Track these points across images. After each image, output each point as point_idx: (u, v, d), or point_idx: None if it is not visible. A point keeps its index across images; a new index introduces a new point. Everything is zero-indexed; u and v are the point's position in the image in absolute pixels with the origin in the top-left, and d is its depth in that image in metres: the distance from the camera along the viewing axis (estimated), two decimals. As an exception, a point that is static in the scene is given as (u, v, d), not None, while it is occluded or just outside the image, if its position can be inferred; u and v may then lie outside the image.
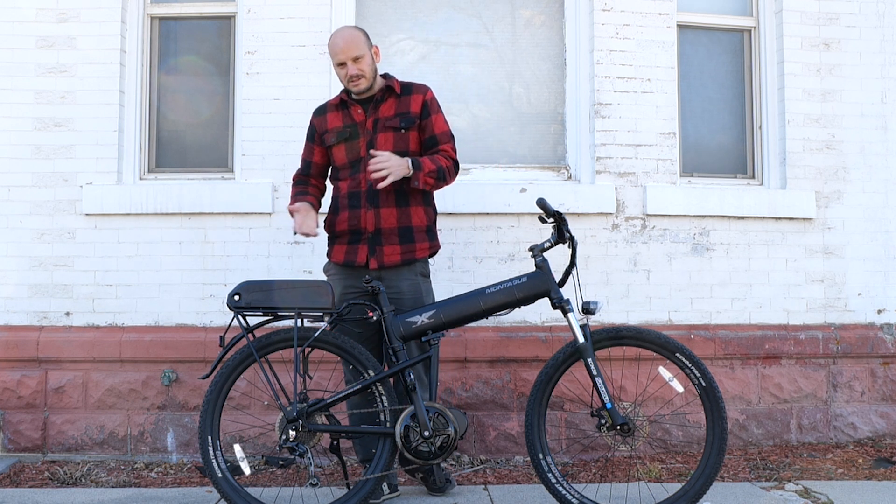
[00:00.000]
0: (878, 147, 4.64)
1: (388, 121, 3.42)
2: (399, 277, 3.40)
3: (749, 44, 4.75)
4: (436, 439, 3.07)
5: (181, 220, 4.33)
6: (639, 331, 3.19)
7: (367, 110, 3.45)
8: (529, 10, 4.66)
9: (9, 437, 4.20)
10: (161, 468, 4.08)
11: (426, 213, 3.48)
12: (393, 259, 3.39)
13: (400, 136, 3.41)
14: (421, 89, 3.48)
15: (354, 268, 3.42)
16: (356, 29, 3.47)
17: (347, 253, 3.43)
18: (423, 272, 3.50)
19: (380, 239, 3.38)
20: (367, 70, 3.39)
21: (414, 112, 3.43)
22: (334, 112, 3.52)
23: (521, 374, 4.27)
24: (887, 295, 4.61)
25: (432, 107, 3.47)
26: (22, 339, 4.22)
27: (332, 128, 3.49)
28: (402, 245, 3.39)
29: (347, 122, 3.47)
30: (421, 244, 3.43)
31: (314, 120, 3.58)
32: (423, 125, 3.44)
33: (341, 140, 3.46)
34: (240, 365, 3.22)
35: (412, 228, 3.41)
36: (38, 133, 4.33)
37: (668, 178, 4.48)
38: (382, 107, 3.45)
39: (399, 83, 3.49)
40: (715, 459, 3.08)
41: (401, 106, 3.44)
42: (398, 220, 3.39)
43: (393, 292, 3.39)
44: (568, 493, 3.08)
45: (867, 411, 4.48)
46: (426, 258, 3.49)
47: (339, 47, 3.37)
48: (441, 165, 3.37)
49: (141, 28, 4.49)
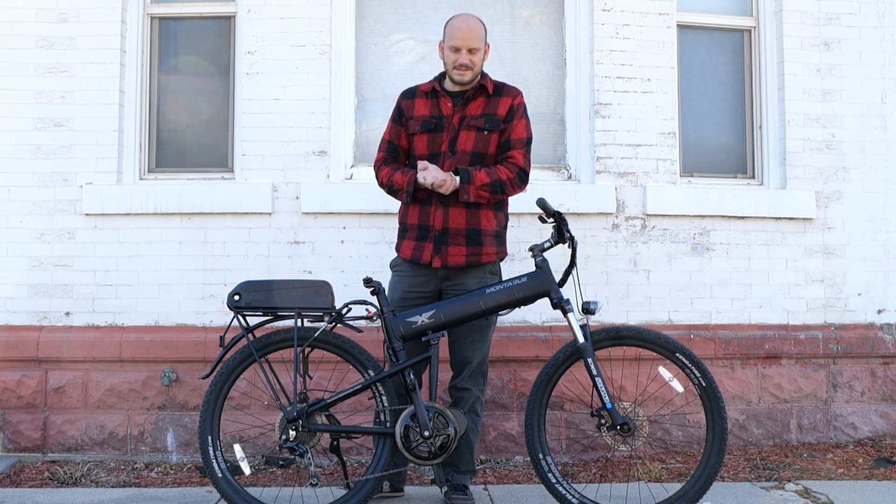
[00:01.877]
0: (878, 147, 4.63)
1: (474, 119, 3.36)
2: (466, 276, 3.36)
3: (749, 44, 4.75)
4: (436, 439, 3.07)
5: (181, 220, 4.33)
6: (639, 331, 3.19)
7: (456, 105, 3.38)
8: (529, 10, 4.66)
9: (9, 437, 4.20)
10: (161, 468, 4.08)
11: (496, 217, 3.41)
12: (457, 260, 3.32)
13: (482, 136, 3.36)
14: (512, 92, 3.43)
15: (420, 266, 3.36)
16: (481, 22, 3.40)
17: (415, 249, 3.36)
18: (493, 271, 3.44)
19: (446, 238, 3.31)
20: (477, 65, 3.34)
21: (500, 115, 3.37)
22: (423, 99, 3.43)
23: (521, 374, 4.27)
24: (887, 295, 4.61)
25: (518, 111, 3.40)
26: (22, 339, 4.22)
27: (419, 115, 3.41)
28: (468, 247, 3.32)
29: (434, 113, 3.39)
30: (488, 248, 3.36)
31: (402, 102, 3.47)
32: (504, 128, 3.38)
33: (426, 130, 3.38)
34: (240, 365, 3.23)
35: (480, 231, 3.34)
36: (38, 133, 4.33)
37: (668, 178, 4.48)
38: (472, 104, 3.38)
39: (493, 83, 3.43)
40: (715, 459, 3.08)
41: (489, 106, 3.38)
42: (467, 221, 3.32)
43: (459, 289, 3.34)
44: (568, 493, 3.08)
45: (867, 411, 4.48)
46: (493, 262, 3.42)
47: (461, 32, 3.31)
48: (498, 178, 3.29)
49: (141, 28, 4.49)
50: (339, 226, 4.32)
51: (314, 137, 4.35)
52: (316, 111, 4.36)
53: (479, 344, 3.38)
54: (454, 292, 3.34)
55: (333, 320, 3.18)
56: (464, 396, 3.39)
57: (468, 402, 3.38)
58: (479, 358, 3.38)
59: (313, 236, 4.33)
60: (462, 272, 3.35)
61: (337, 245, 4.32)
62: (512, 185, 3.34)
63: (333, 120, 4.39)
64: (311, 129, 4.36)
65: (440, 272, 3.35)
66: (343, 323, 3.21)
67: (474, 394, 3.40)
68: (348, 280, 4.26)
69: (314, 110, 4.36)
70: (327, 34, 4.39)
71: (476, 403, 3.41)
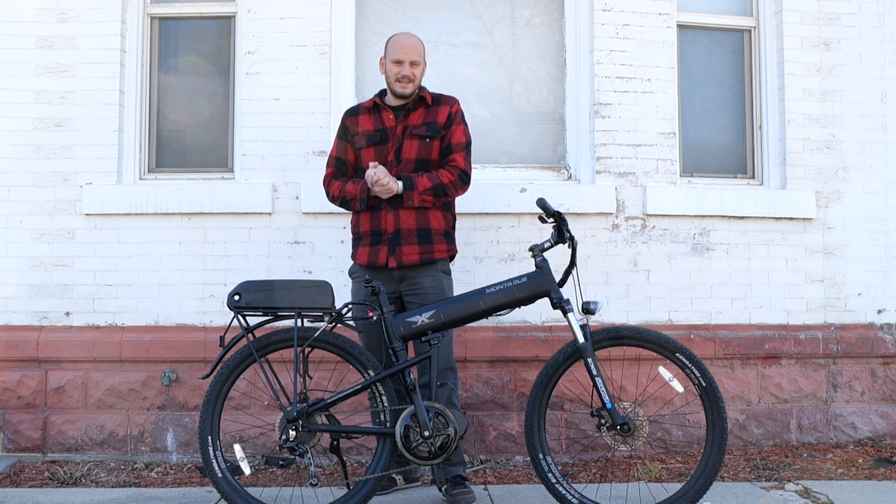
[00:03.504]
0: (878, 147, 4.63)
1: (415, 129, 3.55)
2: (421, 274, 3.50)
3: (749, 44, 4.75)
4: (436, 439, 3.07)
5: (181, 220, 4.33)
6: (639, 331, 3.19)
7: (398, 117, 3.59)
8: (529, 10, 4.65)
9: (9, 437, 4.20)
10: (161, 468, 4.08)
11: (444, 217, 3.59)
12: (411, 258, 3.48)
13: (425, 144, 3.54)
14: (449, 101, 3.64)
15: (377, 268, 3.51)
16: (420, 41, 3.63)
17: (370, 254, 3.53)
18: (445, 270, 3.60)
19: (399, 239, 3.48)
20: (418, 77, 3.56)
21: (440, 122, 3.57)
22: (366, 115, 3.64)
23: (521, 374, 4.27)
24: (887, 295, 4.61)
25: (456, 118, 3.60)
26: (22, 339, 4.22)
27: (363, 130, 3.60)
28: (420, 245, 3.49)
29: (378, 126, 3.59)
30: (439, 246, 3.54)
31: (346, 120, 3.68)
32: (444, 134, 3.57)
33: (371, 143, 3.58)
34: (240, 365, 3.23)
35: (430, 231, 3.52)
36: (38, 133, 4.33)
37: (668, 178, 4.48)
38: (413, 115, 3.58)
39: (430, 94, 3.64)
40: (715, 459, 3.08)
41: (429, 116, 3.58)
42: (417, 221, 3.49)
43: (416, 288, 3.49)
44: (568, 493, 3.08)
45: (867, 411, 4.48)
46: (445, 259, 3.59)
47: (404, 47, 3.54)
48: (440, 182, 3.48)
49: (141, 28, 4.49)
50: (339, 226, 4.32)
51: (314, 137, 4.36)
52: (316, 111, 4.37)
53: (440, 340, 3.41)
54: (412, 292, 3.50)
55: (333, 320, 3.18)
56: (439, 392, 3.45)
57: (444, 397, 3.46)
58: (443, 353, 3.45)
59: (313, 236, 4.33)
60: (417, 270, 3.50)
61: (337, 245, 4.32)
62: (454, 187, 3.53)
63: (333, 120, 4.38)
64: (311, 129, 4.36)
65: (396, 273, 3.51)
66: (343, 323, 3.21)
67: (448, 387, 3.51)
68: (348, 280, 4.25)
69: (314, 110, 4.37)
70: (327, 34, 4.39)
71: (452, 396, 3.51)
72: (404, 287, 3.52)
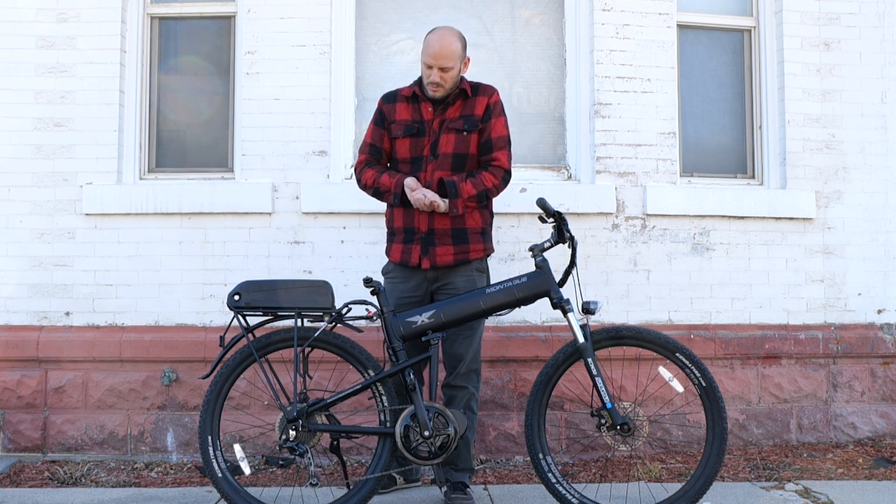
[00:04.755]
0: (878, 147, 4.63)
1: (452, 122, 3.40)
2: (455, 274, 3.40)
3: (749, 44, 4.75)
4: (436, 439, 3.07)
5: (181, 220, 4.33)
6: (639, 331, 3.19)
7: (436, 109, 3.42)
8: (529, 10, 4.65)
9: (9, 437, 4.20)
10: (161, 468, 4.08)
11: (482, 215, 3.46)
12: (445, 259, 3.37)
13: (462, 138, 3.39)
14: (488, 91, 3.46)
15: (409, 268, 3.42)
16: (458, 39, 3.38)
17: (402, 252, 3.43)
18: (480, 268, 3.48)
19: (433, 239, 3.37)
20: (448, 82, 3.36)
21: (477, 115, 3.40)
22: (404, 103, 3.47)
23: (521, 374, 4.27)
24: (887, 295, 4.61)
25: (495, 110, 3.43)
26: (22, 339, 4.22)
27: (401, 119, 3.45)
28: (455, 246, 3.38)
29: (416, 118, 3.44)
30: (475, 245, 3.42)
31: (384, 106, 3.51)
32: (483, 128, 3.41)
33: (408, 134, 3.42)
34: (240, 365, 3.23)
35: (466, 230, 3.40)
36: (38, 133, 4.33)
37: (668, 178, 4.48)
38: (451, 108, 3.42)
39: (469, 84, 3.45)
40: (715, 459, 3.08)
41: (466, 108, 3.42)
42: (452, 221, 3.36)
43: (449, 289, 3.39)
44: (568, 492, 3.08)
45: (867, 411, 4.48)
46: (480, 259, 3.47)
47: (433, 50, 3.32)
48: (484, 188, 3.35)
49: (141, 28, 4.49)
50: (339, 226, 4.32)
51: (314, 137, 4.36)
52: (316, 111, 4.37)
53: (471, 340, 3.41)
54: (444, 293, 3.39)
55: (333, 320, 3.18)
56: (458, 395, 3.42)
57: (463, 400, 3.41)
58: (471, 354, 3.41)
59: (313, 236, 4.33)
60: (450, 272, 3.40)
61: (337, 245, 4.32)
62: (497, 190, 3.42)
63: (333, 120, 4.39)
64: (311, 129, 4.36)
65: (429, 273, 3.40)
66: (343, 323, 3.21)
67: (469, 391, 3.42)
68: (348, 280, 4.27)
69: (314, 110, 4.37)
70: (327, 34, 4.39)
71: (471, 401, 3.43)
72: (436, 288, 3.43)
